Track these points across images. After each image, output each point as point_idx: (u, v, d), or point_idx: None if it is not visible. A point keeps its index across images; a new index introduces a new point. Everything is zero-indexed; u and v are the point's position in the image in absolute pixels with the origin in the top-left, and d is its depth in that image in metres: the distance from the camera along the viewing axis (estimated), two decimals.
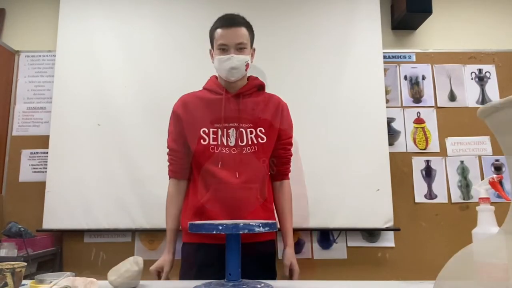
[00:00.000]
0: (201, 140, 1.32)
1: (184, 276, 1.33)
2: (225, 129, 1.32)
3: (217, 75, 1.40)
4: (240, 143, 1.32)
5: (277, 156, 1.41)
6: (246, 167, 1.31)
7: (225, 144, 1.31)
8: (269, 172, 1.43)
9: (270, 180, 1.46)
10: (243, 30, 1.31)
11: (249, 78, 1.41)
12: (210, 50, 1.37)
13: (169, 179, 1.42)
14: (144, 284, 1.16)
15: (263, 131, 1.35)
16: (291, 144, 1.45)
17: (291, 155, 1.46)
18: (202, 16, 2.66)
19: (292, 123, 1.46)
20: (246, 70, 1.34)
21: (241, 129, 1.32)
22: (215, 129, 1.32)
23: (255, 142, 1.33)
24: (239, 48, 1.30)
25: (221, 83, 1.35)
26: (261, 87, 1.43)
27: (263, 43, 2.67)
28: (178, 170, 1.39)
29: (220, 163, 1.30)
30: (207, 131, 1.32)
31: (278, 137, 1.39)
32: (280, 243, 1.54)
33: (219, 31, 1.30)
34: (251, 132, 1.34)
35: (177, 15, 2.66)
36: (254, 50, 1.40)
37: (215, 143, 1.32)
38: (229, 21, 1.30)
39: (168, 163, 1.42)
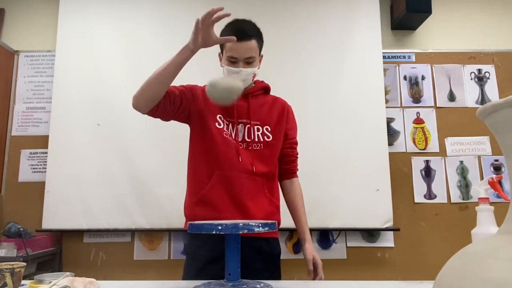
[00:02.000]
0: (216, 124, 1.35)
1: (190, 271, 1.32)
2: (235, 124, 1.37)
3: None
4: (247, 139, 1.36)
5: (285, 155, 1.46)
6: (255, 160, 1.34)
7: (234, 138, 1.36)
8: (276, 172, 1.44)
9: (278, 180, 1.49)
10: (253, 43, 1.32)
11: (255, 81, 1.46)
12: (219, 54, 1.40)
13: None
14: (148, 284, 1.16)
15: (269, 129, 1.39)
16: (297, 143, 1.51)
17: (298, 154, 1.52)
18: (201, 16, 2.66)
19: (296, 124, 1.53)
20: (253, 79, 1.39)
21: (248, 126, 1.37)
22: (228, 123, 1.37)
23: (262, 140, 1.37)
24: (248, 62, 1.32)
25: None
26: (266, 89, 1.48)
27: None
28: (174, 89, 1.35)
29: (228, 149, 1.32)
30: (222, 118, 1.37)
31: (285, 137, 1.44)
32: (281, 244, 1.54)
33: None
34: (258, 130, 1.38)
35: (177, 14, 2.66)
36: (262, 56, 1.43)
37: (227, 131, 1.37)
38: (240, 34, 1.28)
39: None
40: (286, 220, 2.40)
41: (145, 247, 2.52)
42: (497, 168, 2.62)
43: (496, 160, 2.63)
